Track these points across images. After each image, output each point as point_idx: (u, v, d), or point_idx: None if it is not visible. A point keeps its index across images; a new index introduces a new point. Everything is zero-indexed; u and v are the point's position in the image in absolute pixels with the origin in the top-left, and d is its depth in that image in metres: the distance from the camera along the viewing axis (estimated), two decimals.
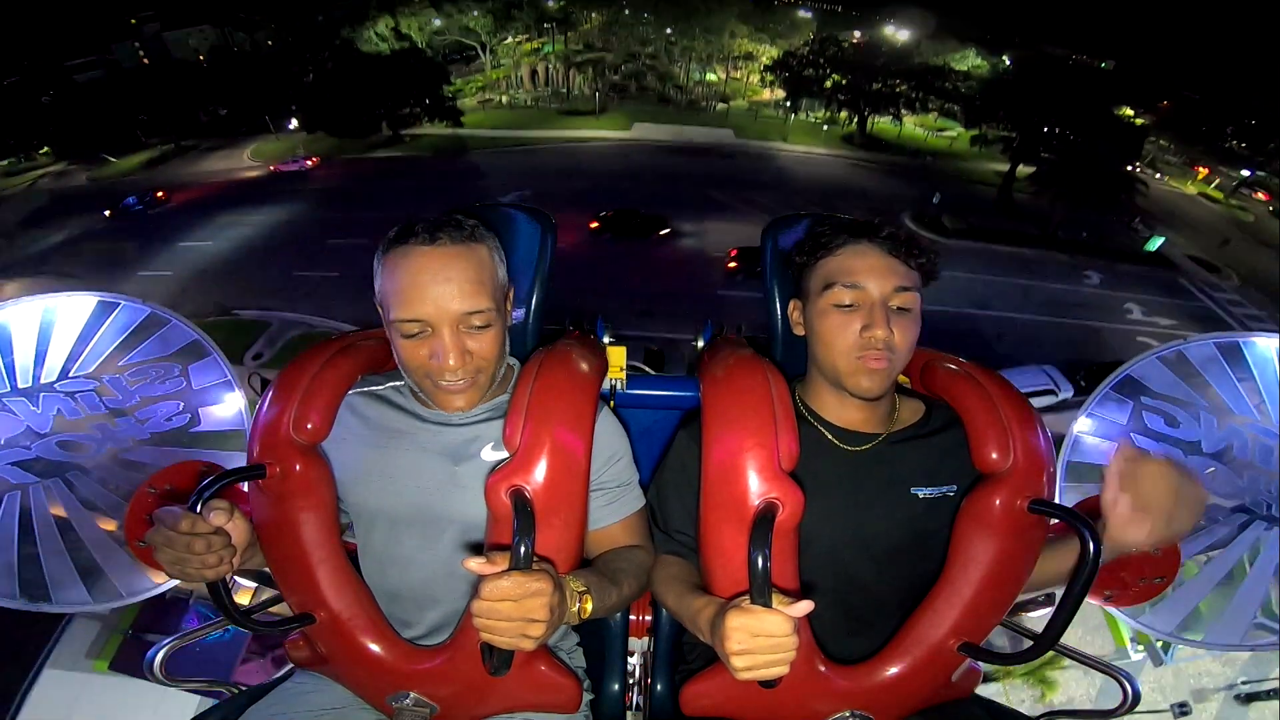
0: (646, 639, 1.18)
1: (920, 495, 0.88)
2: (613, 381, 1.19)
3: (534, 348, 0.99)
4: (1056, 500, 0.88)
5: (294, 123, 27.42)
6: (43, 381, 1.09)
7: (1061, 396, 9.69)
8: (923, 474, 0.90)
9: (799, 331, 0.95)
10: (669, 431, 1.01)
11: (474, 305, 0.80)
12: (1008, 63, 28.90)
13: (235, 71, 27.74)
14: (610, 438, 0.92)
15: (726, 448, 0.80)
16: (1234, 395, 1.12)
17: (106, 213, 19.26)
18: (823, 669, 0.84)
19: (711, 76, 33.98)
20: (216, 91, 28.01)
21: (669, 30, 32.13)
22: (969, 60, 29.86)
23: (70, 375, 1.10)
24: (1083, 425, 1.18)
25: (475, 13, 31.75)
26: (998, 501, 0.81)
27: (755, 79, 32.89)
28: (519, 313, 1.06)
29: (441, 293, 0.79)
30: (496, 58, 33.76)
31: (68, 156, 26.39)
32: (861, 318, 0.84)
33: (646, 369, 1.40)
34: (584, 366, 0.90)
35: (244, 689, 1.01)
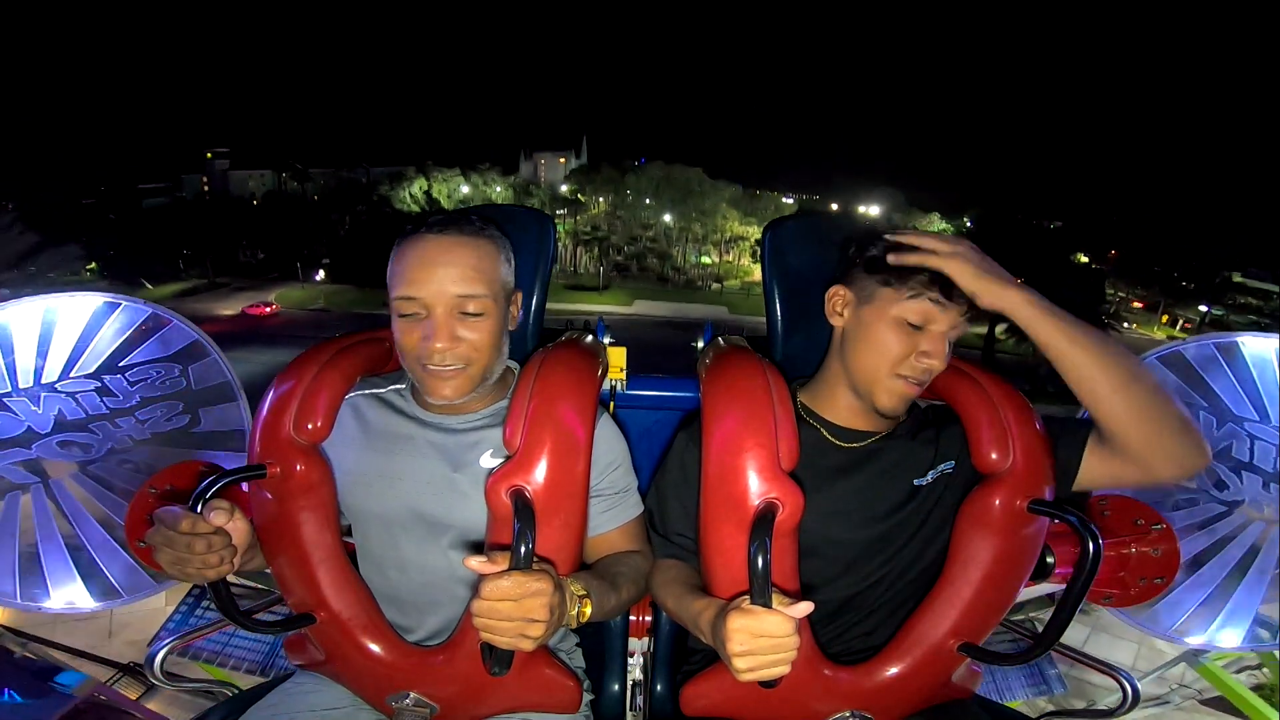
0: (646, 639, 1.18)
1: (922, 484, 0.89)
2: (613, 382, 1.19)
3: (534, 348, 0.99)
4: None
5: (320, 274, 30.44)
6: (44, 381, 1.09)
7: None
8: (921, 465, 0.90)
9: (836, 322, 0.91)
10: (669, 432, 1.01)
11: (469, 289, 0.81)
12: (968, 224, 33.08)
13: (280, 213, 30.85)
14: (608, 444, 0.92)
15: (726, 448, 0.80)
16: (1234, 395, 1.12)
17: None
18: (823, 669, 0.84)
19: (706, 259, 38.01)
20: (260, 232, 30.76)
21: (668, 216, 36.29)
22: (935, 225, 34.02)
23: (71, 375, 1.10)
24: None
25: (499, 187, 36.17)
26: (997, 501, 0.81)
27: (746, 260, 37.06)
28: (518, 314, 1.06)
29: (440, 274, 0.80)
30: None
31: (110, 277, 27.96)
32: (926, 342, 0.83)
33: None
34: (584, 367, 0.90)
35: (244, 689, 1.01)
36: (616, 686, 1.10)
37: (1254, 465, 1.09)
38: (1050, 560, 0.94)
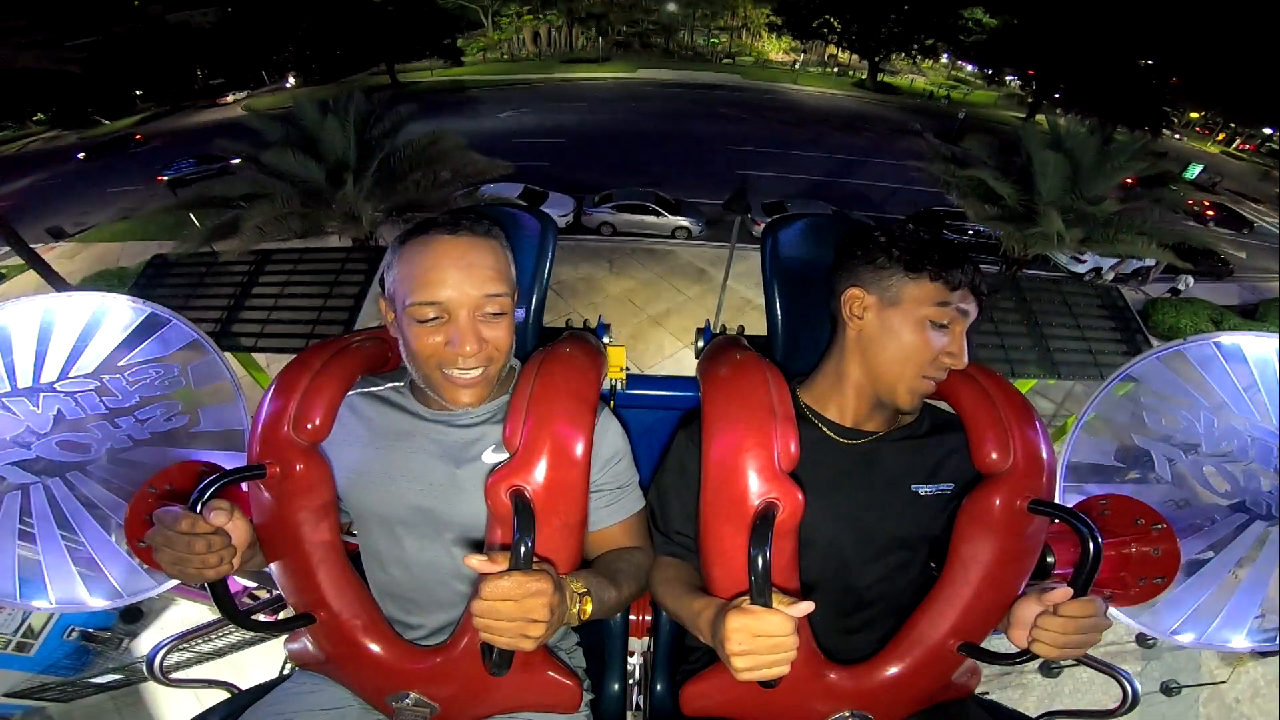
0: (646, 639, 1.18)
1: (921, 492, 0.89)
2: (613, 382, 1.19)
3: (534, 348, 0.99)
4: (1056, 500, 0.88)
5: (290, 80, 28.53)
6: (43, 381, 1.09)
7: (1144, 263, 10.88)
8: (922, 471, 0.90)
9: (853, 324, 0.90)
10: (669, 431, 1.01)
11: (492, 289, 0.81)
12: (1015, 22, 28.97)
13: (232, 33, 28.30)
14: (609, 439, 0.92)
15: (726, 448, 0.80)
16: (1234, 395, 1.12)
17: (80, 155, 20.35)
18: (823, 669, 0.84)
19: (715, 41, 35.32)
20: (212, 55, 28.68)
21: (671, 3, 33.69)
22: (976, 14, 30.28)
23: (70, 375, 1.10)
24: (1083, 426, 1.18)
25: None
26: (997, 501, 0.81)
27: (760, 43, 34.15)
28: (519, 313, 1.06)
29: (463, 277, 0.80)
30: (500, 28, 34.56)
31: (62, 124, 26.81)
32: (954, 343, 0.84)
33: None
34: (584, 366, 0.90)
35: (244, 689, 1.01)
36: (616, 686, 1.10)
37: (1254, 465, 1.09)
38: (1050, 560, 0.94)
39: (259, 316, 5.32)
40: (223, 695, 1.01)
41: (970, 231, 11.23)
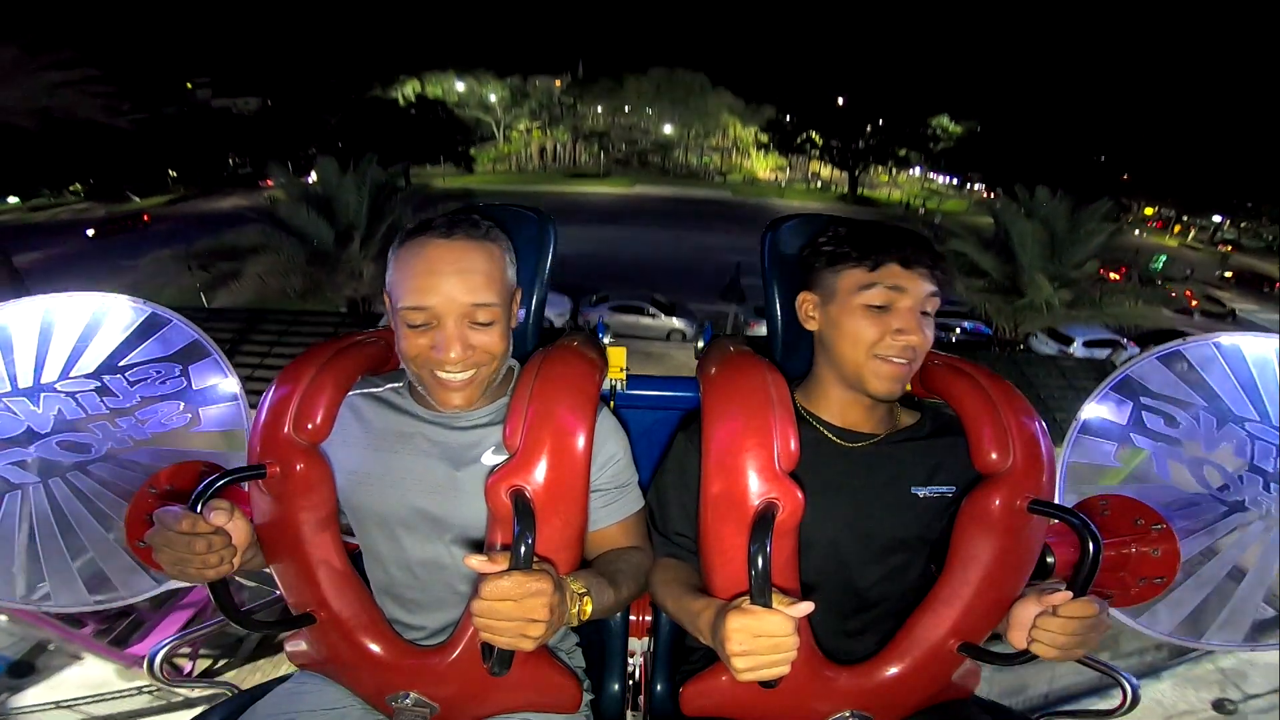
0: (646, 639, 1.18)
1: (920, 495, 0.89)
2: (613, 382, 1.19)
3: (534, 348, 0.99)
4: (1056, 500, 0.88)
5: (313, 176, 30.45)
6: (44, 381, 1.09)
7: (1130, 352, 11.39)
8: (921, 473, 0.90)
9: (810, 326, 0.93)
10: (669, 432, 1.01)
11: (481, 298, 0.81)
12: (978, 127, 33.76)
13: (266, 123, 30.90)
14: (609, 439, 0.92)
15: (725, 448, 0.80)
16: (1234, 395, 1.12)
17: (90, 232, 21.42)
18: (823, 669, 0.84)
19: (708, 160, 39.56)
20: (248, 144, 30.97)
21: (669, 127, 38.03)
22: (942, 122, 34.70)
23: (71, 375, 1.10)
24: (1082, 425, 1.18)
25: (495, 91, 36.72)
26: (997, 501, 0.81)
27: (749, 162, 38.43)
28: (520, 313, 1.06)
29: (451, 284, 0.79)
30: (510, 142, 38.75)
31: (95, 196, 28.22)
32: (897, 320, 0.84)
33: None
34: (584, 367, 0.90)
35: (244, 689, 1.01)
36: (616, 686, 1.10)
37: (1254, 465, 1.09)
38: (1050, 560, 0.94)
39: (241, 373, 5.35)
40: (223, 695, 1.01)
41: (959, 330, 11.83)
